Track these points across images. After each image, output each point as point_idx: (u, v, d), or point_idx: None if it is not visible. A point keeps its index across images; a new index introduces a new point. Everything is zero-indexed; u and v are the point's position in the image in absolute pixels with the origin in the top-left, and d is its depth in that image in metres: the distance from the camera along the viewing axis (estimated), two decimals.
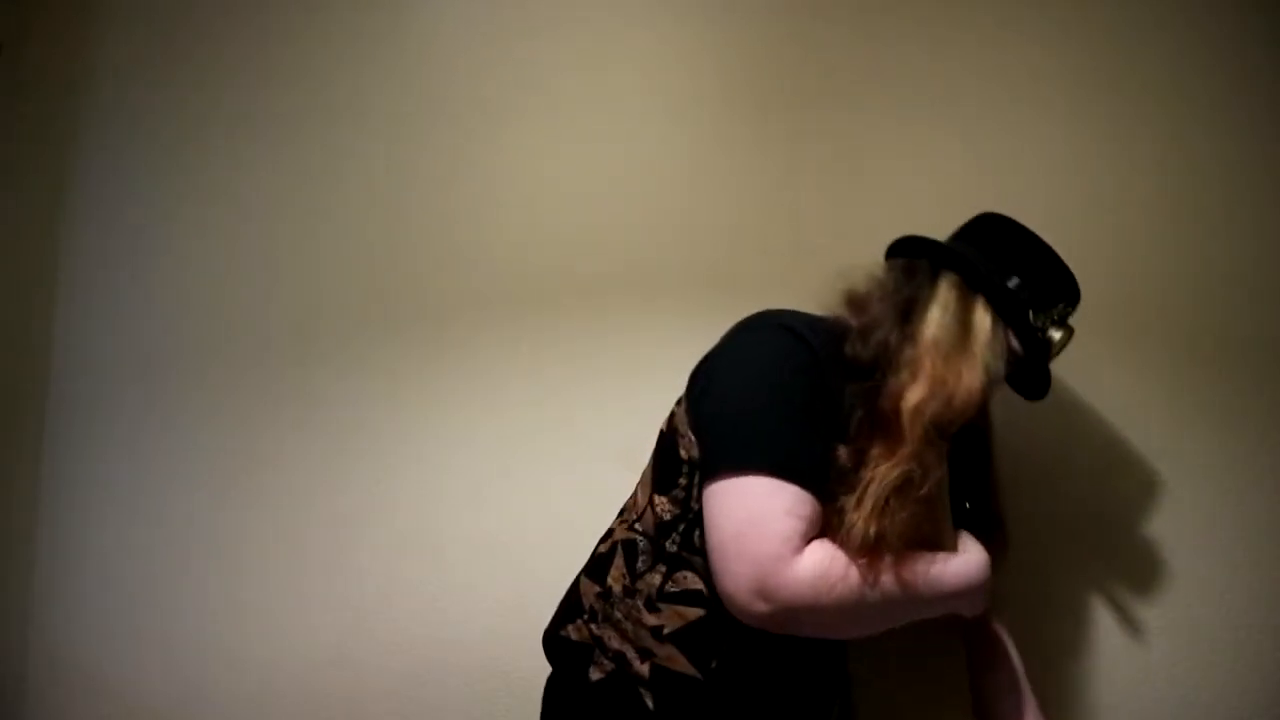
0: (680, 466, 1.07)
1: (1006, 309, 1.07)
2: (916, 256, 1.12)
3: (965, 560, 1.07)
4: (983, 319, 1.06)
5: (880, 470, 0.98)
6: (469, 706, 1.64)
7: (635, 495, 1.16)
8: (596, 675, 1.07)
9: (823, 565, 0.96)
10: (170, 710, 1.88)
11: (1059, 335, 1.11)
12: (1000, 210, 1.17)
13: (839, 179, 1.47)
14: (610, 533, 1.17)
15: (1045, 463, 1.35)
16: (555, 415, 1.61)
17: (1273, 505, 1.27)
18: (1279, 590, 1.26)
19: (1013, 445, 1.33)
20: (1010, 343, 1.08)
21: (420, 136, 1.74)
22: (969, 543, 1.10)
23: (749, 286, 1.21)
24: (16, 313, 2.04)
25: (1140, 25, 1.34)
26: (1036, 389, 1.17)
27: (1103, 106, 1.35)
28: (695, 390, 1.09)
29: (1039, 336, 1.10)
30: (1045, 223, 1.15)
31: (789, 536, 0.96)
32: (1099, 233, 1.33)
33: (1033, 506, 1.33)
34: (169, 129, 1.95)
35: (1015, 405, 1.27)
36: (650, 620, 1.06)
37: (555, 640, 1.15)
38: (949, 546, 1.08)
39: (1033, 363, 1.11)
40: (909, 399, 0.99)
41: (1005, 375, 1.11)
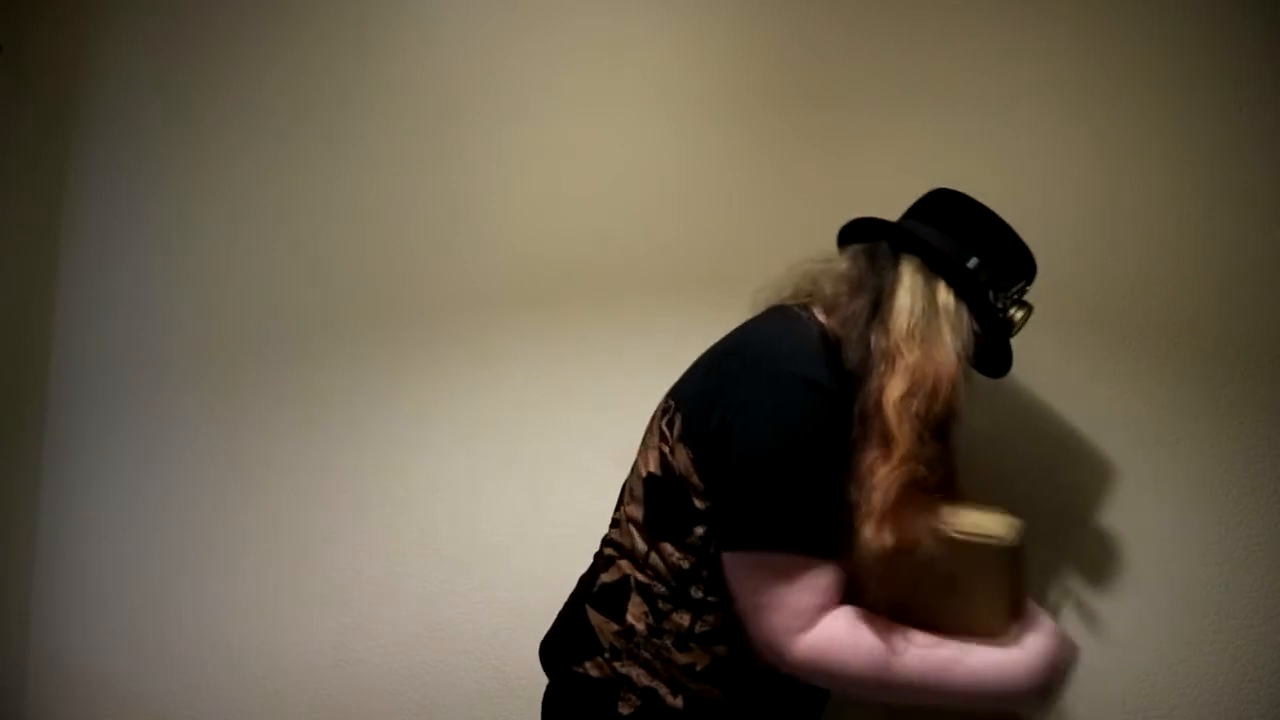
0: (695, 517, 1.05)
1: (968, 291, 1.05)
2: (873, 239, 1.11)
3: (1007, 656, 0.99)
4: (946, 301, 1.04)
5: (879, 476, 0.97)
6: (469, 707, 1.64)
7: (628, 531, 1.13)
8: (626, 710, 1.06)
9: (835, 639, 0.98)
10: (170, 710, 1.88)
11: (1020, 314, 1.10)
12: (1000, 210, 1.16)
13: (840, 179, 1.47)
14: (611, 560, 1.14)
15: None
16: (555, 415, 1.61)
17: (1259, 504, 1.27)
18: (1261, 589, 1.25)
19: (1002, 445, 1.33)
20: (972, 324, 1.06)
21: (420, 137, 1.74)
22: (1033, 639, 1.02)
23: (750, 286, 1.20)
24: (17, 313, 2.04)
25: (1139, 25, 1.34)
26: (997, 367, 1.15)
27: (1101, 107, 1.35)
28: (706, 432, 1.04)
29: (1000, 317, 1.09)
30: (1045, 222, 1.15)
31: (801, 611, 0.98)
32: (1098, 233, 1.33)
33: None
34: (169, 129, 1.95)
35: (1006, 410, 1.27)
36: (682, 660, 1.06)
37: (569, 674, 1.12)
38: (998, 633, 1.01)
39: (994, 342, 1.10)
40: (890, 394, 0.98)
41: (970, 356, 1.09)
